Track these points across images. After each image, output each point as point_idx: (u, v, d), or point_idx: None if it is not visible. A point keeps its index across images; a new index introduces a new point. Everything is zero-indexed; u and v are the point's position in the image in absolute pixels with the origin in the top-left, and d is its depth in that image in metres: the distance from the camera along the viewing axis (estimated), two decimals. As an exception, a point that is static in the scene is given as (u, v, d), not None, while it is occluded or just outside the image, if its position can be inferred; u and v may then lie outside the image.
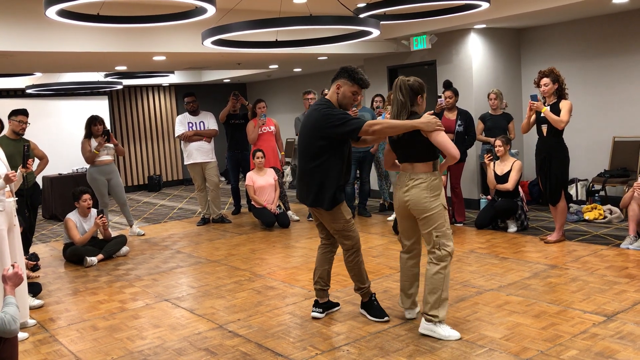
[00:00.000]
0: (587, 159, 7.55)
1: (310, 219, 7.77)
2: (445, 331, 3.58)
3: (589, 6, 6.45)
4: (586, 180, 7.54)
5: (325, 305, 4.20)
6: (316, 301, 4.19)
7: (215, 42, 5.24)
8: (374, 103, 8.04)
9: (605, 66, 7.39)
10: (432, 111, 3.70)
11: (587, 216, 6.74)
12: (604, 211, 6.71)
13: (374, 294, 4.13)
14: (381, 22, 5.43)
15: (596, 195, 7.15)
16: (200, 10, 4.41)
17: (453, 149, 3.52)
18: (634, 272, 4.72)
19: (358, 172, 7.77)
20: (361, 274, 4.06)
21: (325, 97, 3.96)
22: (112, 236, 6.48)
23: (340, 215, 3.92)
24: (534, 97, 5.68)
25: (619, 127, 7.31)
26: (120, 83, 10.11)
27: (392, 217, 7.23)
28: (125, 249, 6.46)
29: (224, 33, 4.65)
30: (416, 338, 3.65)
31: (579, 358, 3.23)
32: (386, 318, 3.97)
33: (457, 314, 4.02)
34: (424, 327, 3.65)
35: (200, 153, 7.74)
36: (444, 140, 3.52)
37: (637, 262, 5.00)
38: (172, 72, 10.15)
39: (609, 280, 4.52)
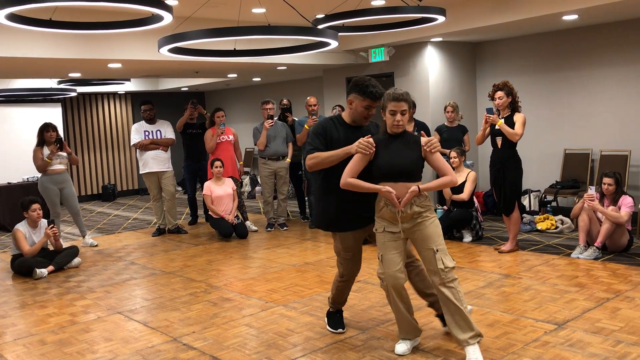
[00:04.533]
0: (539, 170, 7.76)
1: (269, 229, 7.73)
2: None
3: (540, 22, 6.65)
4: (539, 191, 7.74)
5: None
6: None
7: (172, 50, 5.18)
8: (332, 112, 8.08)
9: (557, 80, 7.63)
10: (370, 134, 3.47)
11: (539, 226, 6.91)
12: (556, 221, 6.90)
13: (342, 311, 4.09)
14: (340, 34, 5.48)
15: (548, 205, 7.34)
16: (156, 18, 4.36)
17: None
18: (584, 280, 4.85)
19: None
20: (341, 297, 3.98)
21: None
22: (64, 247, 6.29)
23: (336, 239, 3.76)
24: (489, 110, 5.80)
25: (570, 140, 7.55)
26: (75, 90, 9.88)
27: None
28: (77, 260, 6.28)
29: (180, 41, 4.60)
30: (372, 349, 3.65)
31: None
32: (340, 330, 3.95)
33: (413, 324, 4.04)
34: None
35: (156, 162, 7.62)
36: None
37: (587, 271, 5.15)
38: (129, 80, 9.98)
39: (560, 289, 4.64)
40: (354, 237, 3.72)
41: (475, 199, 6.74)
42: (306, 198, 8.24)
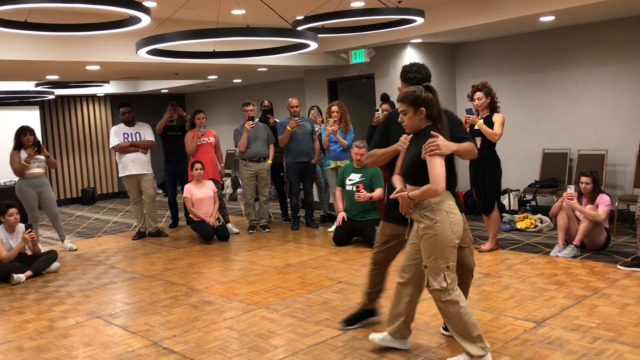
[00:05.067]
0: (518, 170, 7.83)
1: (251, 231, 7.70)
2: None
3: (518, 23, 6.71)
4: (518, 190, 7.82)
5: None
6: None
7: (150, 52, 5.14)
8: (310, 115, 8.07)
9: (535, 81, 7.71)
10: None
11: (519, 225, 6.97)
12: (535, 220, 6.97)
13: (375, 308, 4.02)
14: (320, 35, 5.48)
15: (527, 205, 7.42)
16: (134, 20, 4.32)
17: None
18: (563, 279, 4.91)
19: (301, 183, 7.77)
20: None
21: None
22: (42, 252, 6.21)
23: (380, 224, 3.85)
24: (469, 111, 5.85)
25: (548, 139, 7.63)
26: (52, 93, 9.75)
27: (332, 228, 7.25)
28: (55, 264, 6.20)
29: (158, 43, 4.57)
30: (354, 349, 3.66)
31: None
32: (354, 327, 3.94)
33: (394, 324, 4.05)
34: None
35: (136, 165, 7.55)
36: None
37: (566, 269, 5.21)
38: (107, 82, 9.88)
39: (539, 287, 4.68)
40: (392, 229, 3.72)
41: (455, 199, 6.78)
42: (288, 200, 8.23)
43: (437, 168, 3.05)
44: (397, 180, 3.39)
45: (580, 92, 7.30)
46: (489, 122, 5.80)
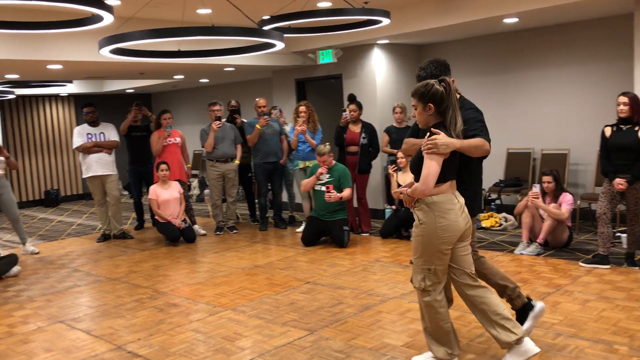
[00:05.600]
0: (484, 169, 7.92)
1: (218, 232, 7.63)
2: None
3: (482, 25, 6.81)
4: (483, 189, 7.93)
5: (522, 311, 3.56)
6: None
7: (114, 51, 5.05)
8: (272, 115, 7.98)
9: (499, 82, 7.83)
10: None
11: (484, 224, 7.07)
12: (500, 219, 7.08)
13: (529, 299, 3.58)
14: (287, 35, 5.47)
15: (492, 204, 7.53)
16: (96, 18, 4.24)
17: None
18: (527, 276, 4.99)
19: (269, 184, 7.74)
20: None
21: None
22: (2, 255, 6.04)
23: None
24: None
25: (512, 140, 7.76)
26: (13, 92, 9.51)
27: (301, 229, 7.24)
28: (16, 268, 6.04)
29: (121, 42, 4.49)
30: (321, 349, 3.65)
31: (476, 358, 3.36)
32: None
33: (361, 323, 4.06)
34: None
35: (100, 165, 7.41)
36: None
37: (530, 266, 5.30)
38: (70, 82, 9.67)
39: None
40: None
41: (422, 199, 6.84)
42: (256, 200, 8.18)
43: (427, 167, 2.95)
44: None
45: (543, 93, 7.44)
46: (455, 122, 5.87)
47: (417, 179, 3.10)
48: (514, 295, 3.54)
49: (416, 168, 3.10)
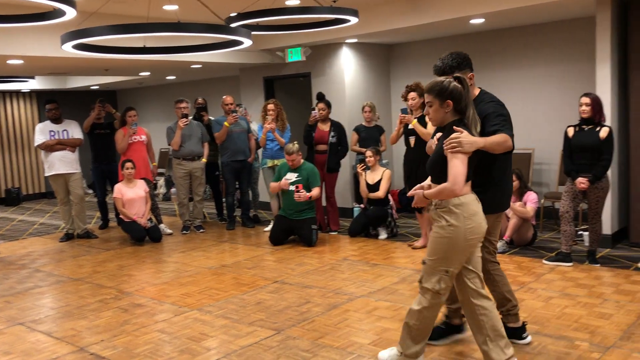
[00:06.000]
0: (450, 168, 8.01)
1: (185, 231, 7.54)
2: None
3: (449, 25, 6.87)
4: (450, 188, 8.00)
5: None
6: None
7: (77, 47, 4.93)
8: (239, 110, 7.91)
9: (465, 82, 7.91)
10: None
11: (451, 222, 7.13)
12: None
13: (524, 325, 3.53)
14: (254, 33, 5.42)
15: (459, 202, 7.60)
16: (59, 12, 4.13)
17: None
18: (491, 273, 5.05)
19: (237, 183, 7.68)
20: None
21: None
22: (-41, 256, 5.86)
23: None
24: (404, 111, 5.94)
25: (478, 139, 7.85)
26: (-28, 88, 9.23)
27: (269, 228, 7.20)
28: (-26, 269, 5.87)
29: (84, 37, 4.39)
30: (287, 349, 3.63)
31: (439, 358, 3.38)
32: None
33: (328, 322, 4.06)
34: None
35: (63, 163, 7.24)
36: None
37: (494, 264, 5.37)
38: (33, 78, 9.43)
39: (469, 283, 4.80)
40: None
41: (390, 197, 6.87)
42: (223, 199, 8.11)
43: (456, 167, 2.82)
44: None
45: (508, 92, 7.54)
46: (423, 122, 5.91)
47: (434, 179, 3.00)
48: (513, 312, 3.50)
49: (435, 168, 2.98)
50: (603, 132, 5.04)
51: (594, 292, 4.45)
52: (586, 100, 5.11)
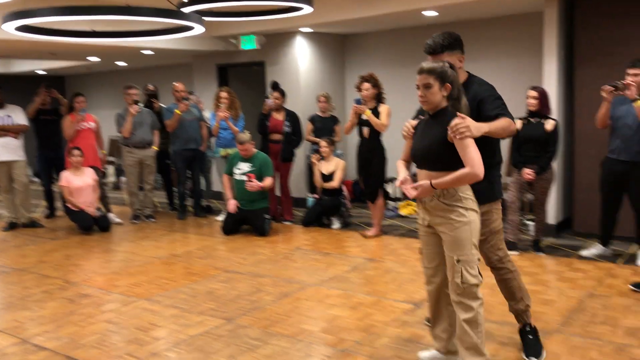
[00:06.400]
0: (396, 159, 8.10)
1: (135, 221, 7.39)
2: None
3: (403, 17, 6.93)
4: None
5: None
6: None
7: (20, 28, 4.75)
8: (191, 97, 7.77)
9: (418, 74, 8.00)
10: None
11: (402, 212, 7.25)
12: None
13: (530, 324, 3.33)
14: (207, 19, 5.33)
15: (411, 193, 7.71)
16: (-1, -9, 3.97)
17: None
18: (441, 262, 5.15)
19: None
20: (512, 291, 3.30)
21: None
22: None
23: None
24: (358, 101, 5.96)
25: (430, 130, 7.97)
26: None
27: (221, 217, 7.13)
28: None
29: (28, 18, 4.22)
30: (237, 337, 3.62)
31: (390, 345, 3.43)
32: (532, 359, 3.19)
33: (279, 310, 4.06)
34: None
35: (6, 150, 6.97)
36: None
37: (443, 253, 5.47)
38: (-26, 60, 9.04)
39: (419, 271, 4.86)
40: None
41: (344, 187, 6.91)
42: (174, 188, 7.99)
43: (473, 151, 2.72)
44: (400, 166, 3.10)
45: (459, 85, 7.69)
46: (376, 113, 5.95)
47: (429, 167, 2.85)
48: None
49: (430, 155, 2.85)
50: (549, 125, 5.19)
51: (538, 279, 4.59)
52: (534, 93, 5.24)
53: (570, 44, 6.00)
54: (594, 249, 5.21)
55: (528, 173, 5.19)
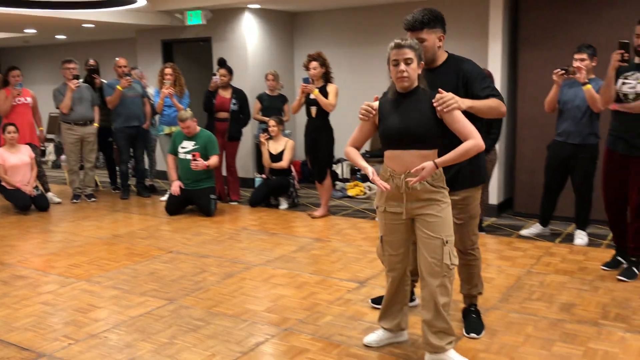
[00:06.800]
0: (345, 139, 8.12)
1: (75, 200, 7.14)
2: None
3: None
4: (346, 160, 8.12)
5: None
6: None
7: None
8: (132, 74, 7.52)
9: (368, 54, 8.00)
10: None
11: (350, 193, 7.28)
12: (364, 188, 7.31)
13: (476, 306, 3.39)
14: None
15: (358, 173, 7.75)
16: None
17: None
18: (386, 241, 5.20)
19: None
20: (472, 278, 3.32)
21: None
22: None
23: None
24: (306, 80, 5.90)
25: (378, 111, 8.00)
26: None
27: (165, 197, 6.98)
28: None
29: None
30: (179, 318, 3.55)
31: (333, 323, 3.44)
32: (472, 335, 3.24)
33: (223, 290, 4.01)
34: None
35: None
36: None
37: (389, 232, 5.53)
38: None
39: (364, 250, 4.92)
40: None
41: (292, 167, 6.87)
42: (117, 168, 7.76)
43: (468, 122, 2.71)
44: (357, 155, 2.97)
45: (407, 67, 7.73)
46: (324, 92, 5.91)
47: (423, 146, 2.75)
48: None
49: (426, 134, 2.75)
50: (492, 107, 5.27)
51: (479, 257, 4.69)
52: (479, 75, 5.30)
53: (515, 26, 6.11)
54: (533, 228, 5.37)
55: (472, 154, 5.26)
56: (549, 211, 5.27)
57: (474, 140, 2.70)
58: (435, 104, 2.73)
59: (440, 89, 2.76)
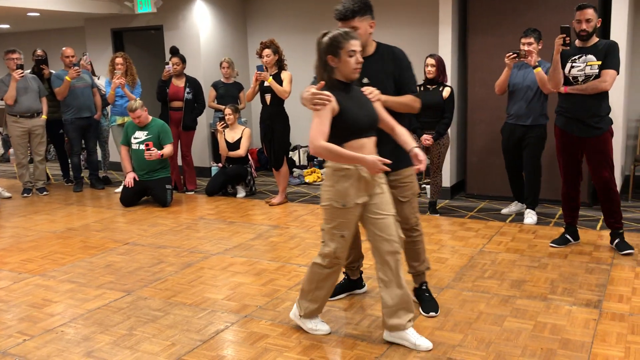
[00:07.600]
0: (307, 127, 8.13)
1: (25, 194, 6.96)
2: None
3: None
4: (307, 146, 8.17)
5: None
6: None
7: None
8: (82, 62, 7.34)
9: (321, 41, 8.01)
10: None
11: (307, 179, 7.32)
12: (322, 174, 7.37)
13: (427, 283, 3.48)
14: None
15: (315, 160, 7.80)
16: None
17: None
18: (343, 226, 5.27)
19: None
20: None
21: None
22: None
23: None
24: (260, 68, 5.88)
25: (333, 98, 8.04)
26: None
27: (119, 189, 6.87)
28: None
29: None
30: (138, 309, 3.54)
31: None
32: (432, 314, 3.33)
33: (181, 280, 4.00)
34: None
35: None
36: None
37: (346, 217, 5.59)
38: None
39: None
40: None
41: (249, 155, 6.85)
42: (69, 160, 7.58)
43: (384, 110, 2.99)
44: (337, 148, 2.75)
45: (361, 53, 7.78)
46: (278, 80, 5.91)
47: (375, 133, 2.90)
48: (357, 266, 3.62)
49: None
50: (445, 92, 5.39)
51: (433, 239, 4.81)
52: (431, 61, 5.41)
53: (464, 13, 6.22)
54: (513, 206, 5.54)
55: (427, 139, 5.38)
56: (519, 188, 5.45)
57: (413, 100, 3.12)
58: (367, 94, 2.91)
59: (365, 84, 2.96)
